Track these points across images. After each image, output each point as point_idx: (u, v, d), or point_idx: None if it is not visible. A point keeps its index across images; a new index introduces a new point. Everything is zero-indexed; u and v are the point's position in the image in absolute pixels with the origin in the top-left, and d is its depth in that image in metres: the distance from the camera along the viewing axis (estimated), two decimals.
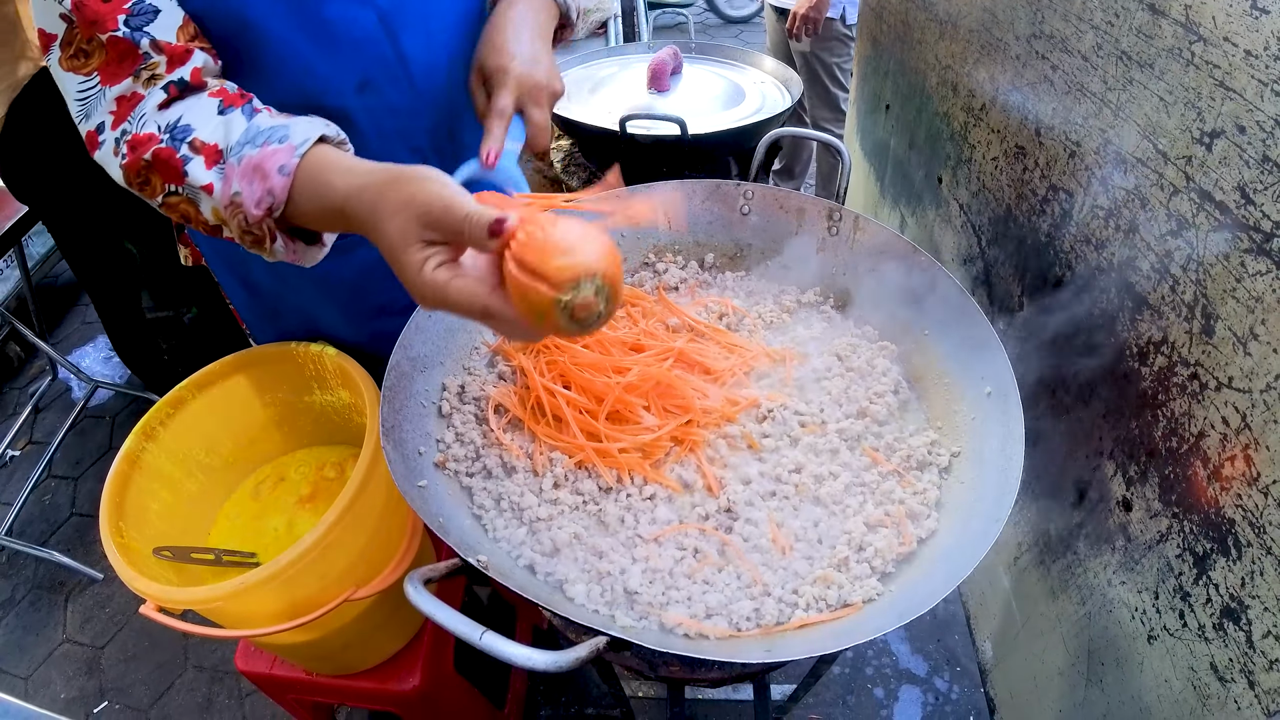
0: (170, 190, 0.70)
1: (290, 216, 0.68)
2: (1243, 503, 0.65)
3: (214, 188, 0.67)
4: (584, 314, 0.54)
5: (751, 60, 1.81)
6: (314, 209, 0.66)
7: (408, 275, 0.59)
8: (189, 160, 0.68)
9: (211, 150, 0.68)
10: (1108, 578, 0.87)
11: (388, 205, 0.59)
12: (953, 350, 0.93)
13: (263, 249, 0.71)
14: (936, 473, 0.87)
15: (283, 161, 0.65)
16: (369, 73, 0.87)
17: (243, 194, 0.66)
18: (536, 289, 0.54)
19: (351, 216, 0.63)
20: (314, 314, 1.13)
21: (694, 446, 0.90)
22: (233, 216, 0.68)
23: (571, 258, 0.53)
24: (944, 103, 1.34)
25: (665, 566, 0.78)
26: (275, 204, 0.66)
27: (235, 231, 0.70)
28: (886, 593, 0.75)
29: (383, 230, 0.60)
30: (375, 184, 0.61)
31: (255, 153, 0.66)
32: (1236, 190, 0.65)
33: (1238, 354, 0.65)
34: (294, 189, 0.66)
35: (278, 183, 0.65)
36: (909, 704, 1.60)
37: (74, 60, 0.71)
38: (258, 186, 0.65)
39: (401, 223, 0.58)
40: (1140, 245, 0.79)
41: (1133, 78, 0.79)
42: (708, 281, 1.14)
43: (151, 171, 0.69)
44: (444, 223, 0.57)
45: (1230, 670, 0.67)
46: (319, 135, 0.68)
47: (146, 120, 0.70)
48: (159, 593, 0.91)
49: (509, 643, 0.54)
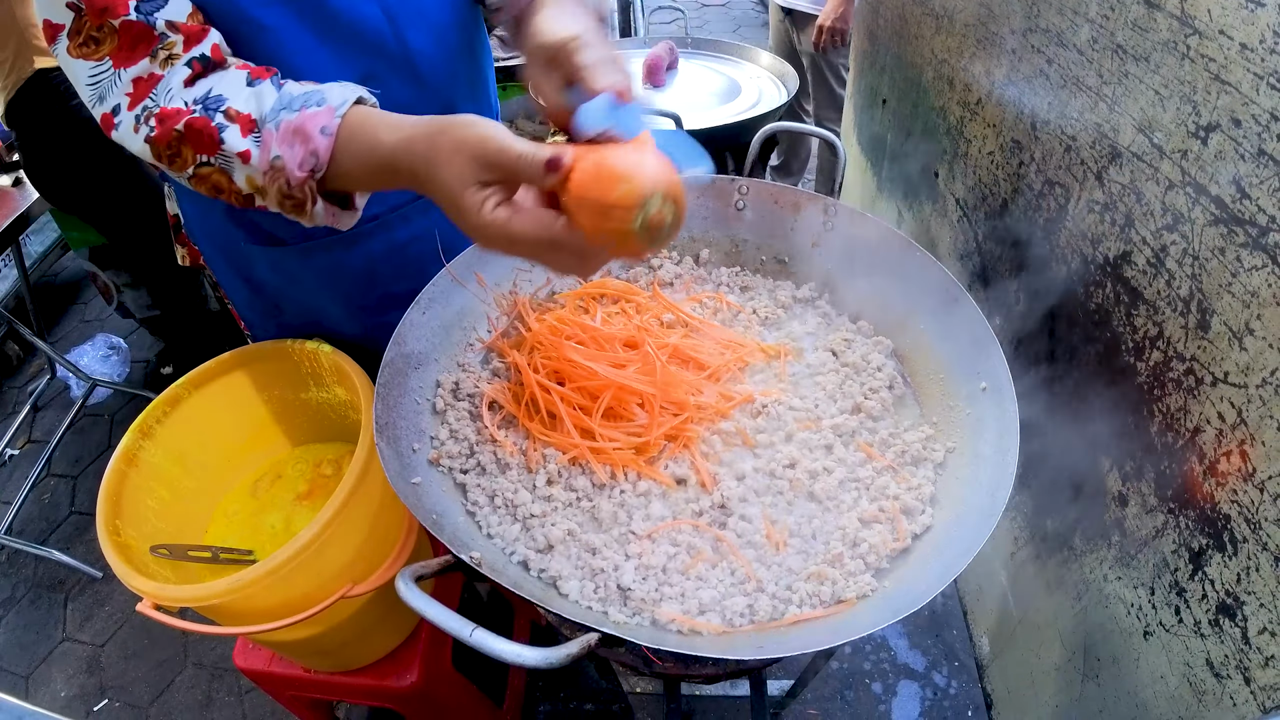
0: (203, 161, 0.70)
1: (332, 178, 0.68)
2: (1238, 498, 0.65)
3: (251, 155, 0.68)
4: (658, 229, 0.57)
5: (748, 55, 1.80)
6: (359, 166, 0.67)
7: (468, 218, 0.60)
8: (224, 128, 0.68)
9: (246, 119, 0.68)
10: (1104, 573, 0.87)
11: (441, 152, 0.60)
12: (948, 345, 0.92)
13: (302, 213, 0.71)
14: (931, 468, 0.87)
15: (324, 123, 0.66)
16: (373, 66, 0.88)
17: (284, 157, 0.66)
18: (610, 220, 0.56)
19: (401, 169, 0.64)
20: (317, 308, 1.13)
21: (688, 442, 0.90)
22: (273, 182, 0.68)
23: (632, 183, 0.56)
24: (940, 97, 1.33)
25: (659, 563, 0.77)
26: (319, 165, 0.66)
27: (274, 197, 0.70)
28: (881, 588, 0.75)
29: (438, 177, 0.61)
30: (424, 134, 0.62)
31: (294, 116, 0.66)
32: (1232, 184, 0.64)
33: (1233, 349, 0.65)
34: (337, 148, 0.66)
35: (321, 143, 0.66)
36: (907, 699, 1.60)
37: (84, 48, 0.71)
38: (299, 149, 0.66)
39: (458, 167, 0.59)
40: (1136, 240, 0.79)
41: (1128, 71, 0.79)
42: (703, 277, 1.14)
43: (183, 143, 0.69)
44: (500, 162, 0.59)
45: (1226, 666, 0.67)
46: (356, 97, 0.68)
47: (174, 95, 0.70)
48: (155, 591, 0.90)
49: (499, 639, 0.54)
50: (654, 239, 0.58)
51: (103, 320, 2.93)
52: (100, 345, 2.69)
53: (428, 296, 0.94)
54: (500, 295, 1.04)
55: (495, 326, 1.03)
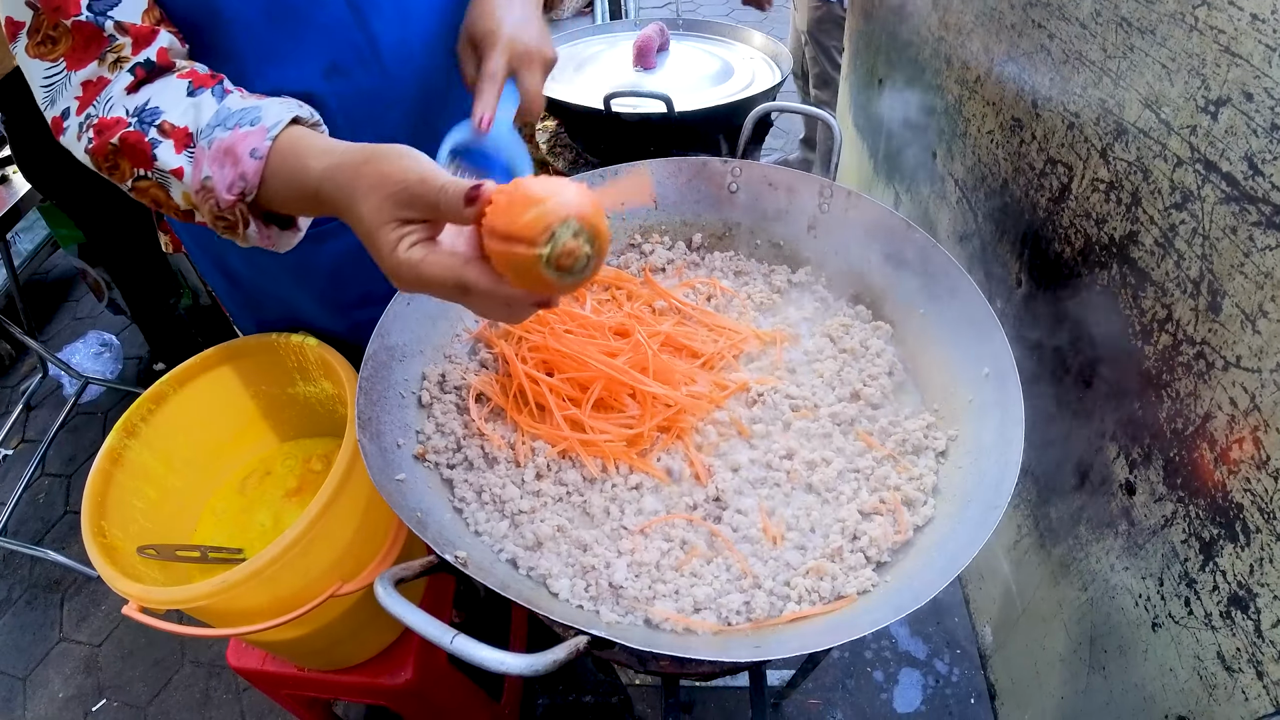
0: (139, 175, 0.68)
1: (263, 201, 0.66)
2: (1252, 487, 0.62)
3: (184, 172, 0.65)
4: (569, 262, 0.52)
5: (740, 36, 1.77)
6: (287, 192, 0.65)
7: (382, 255, 0.57)
8: (158, 144, 0.66)
9: (181, 134, 0.66)
10: (1110, 563, 0.85)
11: (361, 185, 0.58)
12: (949, 330, 0.90)
13: (236, 235, 0.69)
14: (933, 457, 0.84)
15: (254, 145, 0.63)
16: (337, 56, 0.85)
17: (214, 178, 0.64)
18: (515, 252, 0.52)
19: (325, 199, 0.61)
20: (293, 304, 1.11)
21: (681, 433, 0.87)
22: (204, 201, 0.66)
23: (541, 207, 0.51)
24: (937, 76, 1.30)
25: (651, 559, 0.75)
26: (248, 188, 0.64)
27: (207, 217, 0.68)
28: (882, 583, 0.73)
29: (357, 211, 0.58)
30: (349, 163, 0.60)
31: (226, 136, 0.64)
32: (1244, 161, 0.61)
33: (1246, 332, 0.62)
34: (267, 172, 0.64)
35: (250, 166, 0.63)
36: (909, 687, 1.59)
37: (41, 47, 0.69)
38: (229, 171, 0.64)
39: (376, 202, 0.57)
40: (1143, 219, 0.76)
41: (1133, 45, 0.76)
42: (695, 262, 1.11)
43: (120, 156, 0.67)
44: (419, 198, 0.56)
45: (1238, 660, 0.65)
46: (292, 117, 0.66)
47: (114, 104, 0.68)
48: (141, 593, 0.89)
49: (481, 646, 0.51)
50: (567, 274, 0.53)
51: (94, 317, 2.91)
52: (92, 343, 2.66)
53: None
54: None
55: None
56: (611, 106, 1.40)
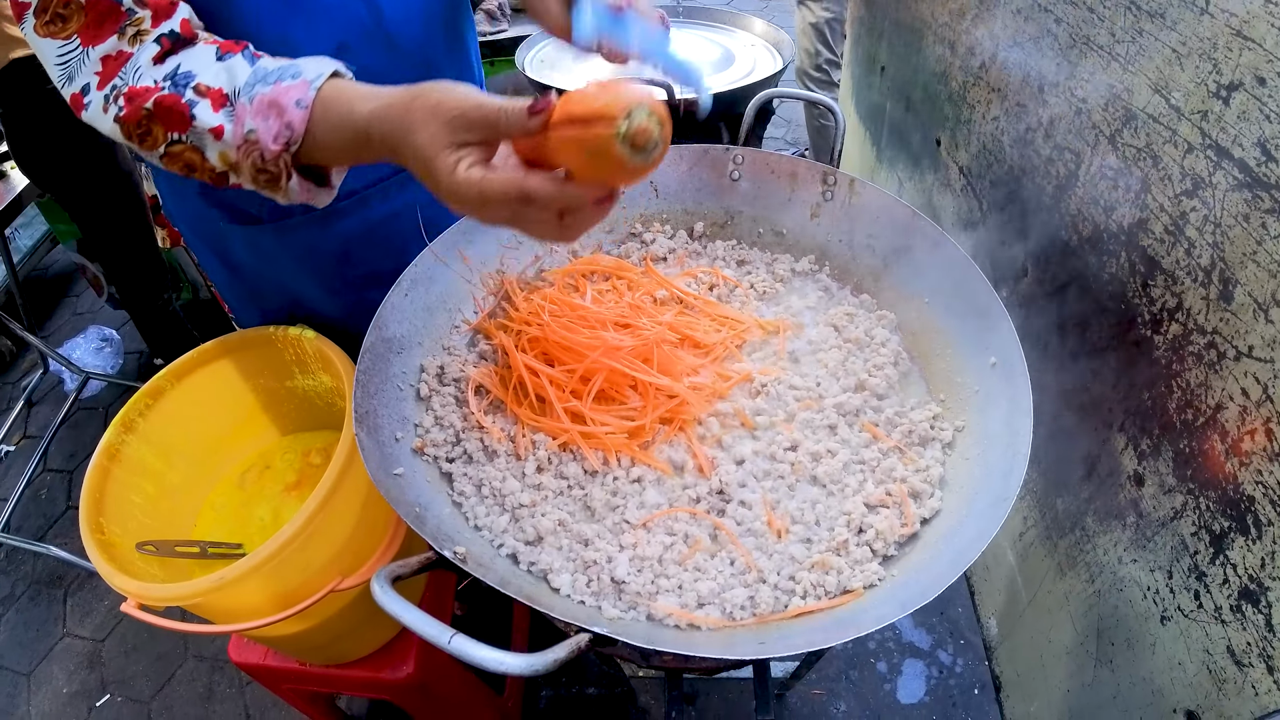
0: (174, 139, 0.67)
1: (307, 151, 0.66)
2: (1263, 479, 0.61)
3: (224, 130, 0.66)
4: (644, 140, 0.55)
5: (742, 23, 1.74)
6: (335, 138, 0.65)
7: (440, 179, 0.59)
8: (195, 104, 0.66)
9: (218, 94, 0.66)
10: (1118, 555, 0.84)
11: (415, 117, 0.59)
12: (955, 319, 0.89)
13: (277, 188, 0.69)
14: (939, 448, 0.83)
15: (299, 95, 0.64)
16: (346, 36, 0.85)
17: (258, 131, 0.65)
18: (592, 133, 0.55)
19: (376, 138, 0.63)
20: (296, 291, 1.10)
21: (684, 425, 0.86)
22: (246, 156, 0.66)
23: (616, 91, 0.55)
24: (941, 62, 1.28)
25: (654, 554, 0.74)
26: (294, 137, 0.64)
27: (248, 173, 0.68)
28: (889, 577, 0.72)
29: (412, 143, 0.59)
30: (399, 101, 0.61)
31: (268, 90, 0.65)
32: (1257, 147, 0.60)
33: (1259, 321, 0.61)
34: (312, 120, 0.64)
35: (296, 115, 0.64)
36: (912, 678, 1.59)
37: (51, 26, 0.68)
38: (274, 122, 0.64)
39: (433, 130, 0.58)
40: (1153, 206, 0.75)
41: (1142, 28, 0.74)
42: (697, 251, 1.10)
43: (153, 121, 0.67)
44: (477, 120, 0.57)
45: (1248, 654, 0.64)
46: (332, 70, 0.67)
47: (142, 73, 0.67)
48: (140, 590, 0.88)
49: (479, 646, 0.50)
50: (641, 153, 0.56)
51: (94, 312, 2.90)
52: (92, 338, 2.65)
53: (409, 278, 0.91)
54: (486, 274, 1.00)
55: (481, 307, 0.99)
56: None
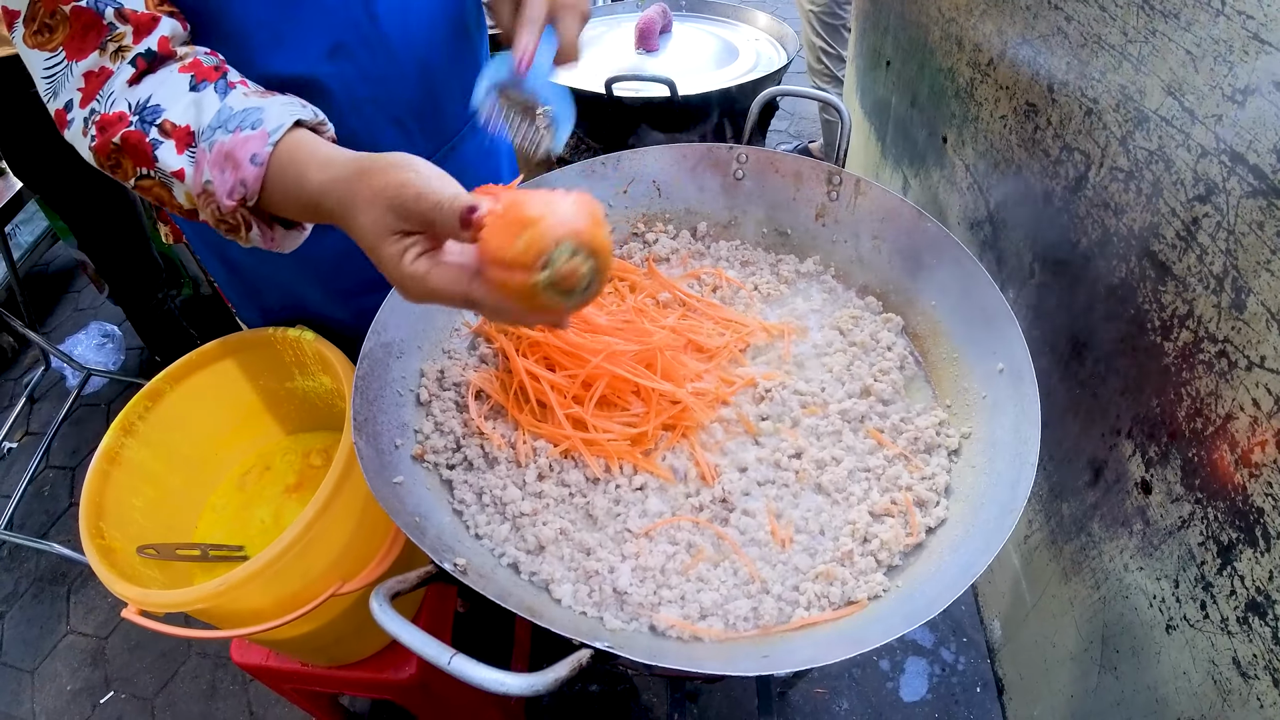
0: (142, 174, 0.66)
1: (265, 205, 0.65)
2: (1273, 491, 0.60)
3: (185, 174, 0.64)
4: (571, 284, 0.50)
5: (744, 17, 1.72)
6: (288, 201, 0.64)
7: (387, 269, 0.57)
8: (159, 144, 0.64)
9: (183, 133, 0.65)
10: (1124, 562, 0.83)
11: (359, 199, 0.57)
12: (962, 322, 0.88)
13: (238, 237, 0.68)
14: (945, 456, 0.82)
15: (255, 150, 0.62)
16: (341, 37, 0.83)
17: (214, 183, 0.63)
18: (512, 279, 0.50)
19: (325, 212, 0.61)
20: (296, 293, 1.09)
21: (687, 431, 0.85)
22: (206, 204, 0.65)
23: (534, 230, 0.49)
24: (948, 58, 1.26)
25: (657, 564, 0.74)
26: (249, 194, 0.63)
27: (209, 219, 0.67)
28: (893, 588, 0.71)
29: (357, 225, 0.58)
30: (346, 176, 0.59)
31: (227, 139, 0.63)
32: (1272, 153, 0.59)
33: (1271, 332, 0.60)
34: (267, 179, 0.63)
35: (250, 173, 0.62)
36: (915, 676, 1.59)
37: (39, 36, 0.67)
38: (230, 176, 0.62)
39: (375, 215, 0.56)
40: (1164, 211, 0.73)
41: (1156, 29, 0.72)
42: (700, 252, 1.09)
43: (122, 155, 0.66)
44: (415, 212, 0.55)
45: (1254, 667, 0.63)
46: (294, 120, 0.64)
47: (116, 99, 0.66)
48: (140, 596, 0.88)
49: (479, 666, 0.50)
50: (570, 296, 0.51)
51: (95, 308, 2.89)
52: (94, 334, 2.64)
53: None
54: None
55: None
56: (614, 91, 1.37)
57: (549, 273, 0.49)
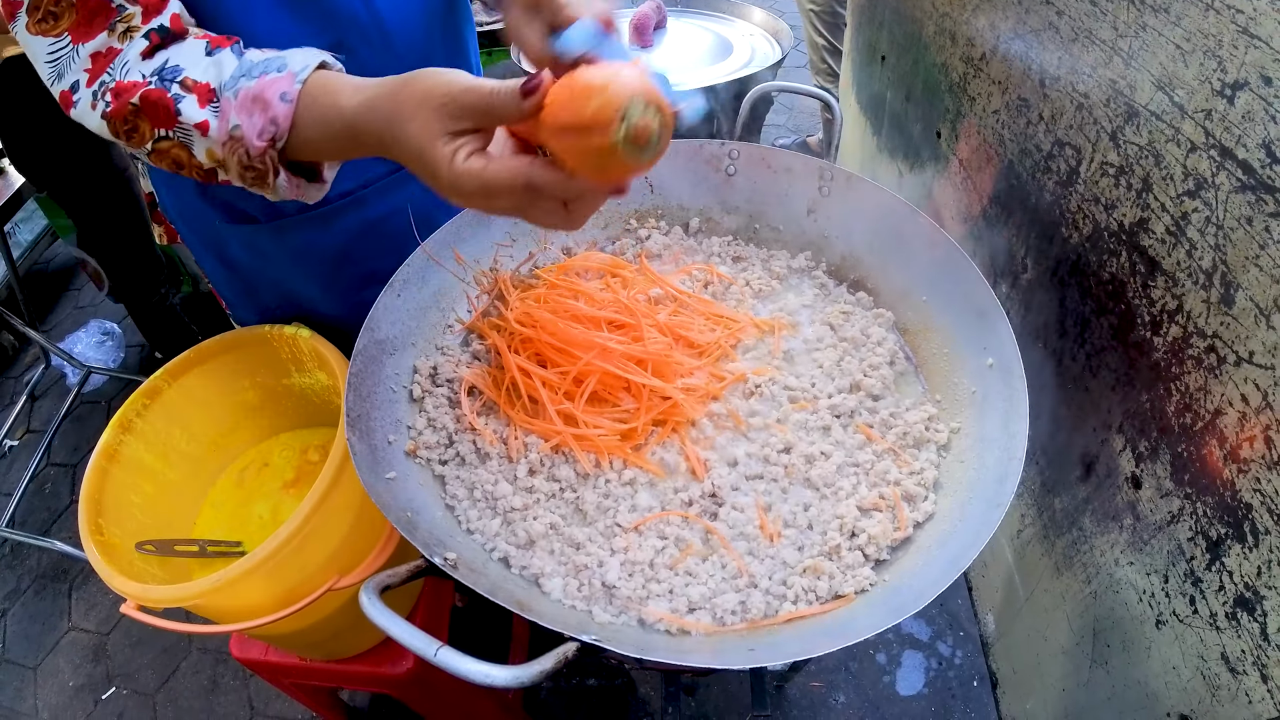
0: (161, 135, 0.66)
1: (294, 147, 0.64)
2: (1261, 487, 0.60)
3: (209, 126, 0.64)
4: (645, 137, 0.52)
5: (739, 12, 1.72)
6: (322, 134, 0.63)
7: (440, 171, 0.56)
8: (181, 99, 0.64)
9: (204, 89, 0.65)
10: (1115, 557, 0.83)
11: (405, 107, 0.57)
12: (952, 318, 0.88)
13: (265, 185, 0.67)
14: (934, 450, 0.82)
15: (284, 89, 0.62)
16: (342, 35, 0.84)
17: (243, 126, 0.63)
18: (589, 143, 0.52)
19: (364, 132, 0.60)
20: (293, 290, 1.09)
21: (677, 426, 0.86)
22: (232, 153, 0.64)
23: (606, 92, 0.51)
24: (942, 53, 1.26)
25: (645, 558, 0.74)
26: (279, 133, 0.62)
27: (235, 170, 0.66)
28: (880, 582, 0.72)
29: (403, 135, 0.57)
30: (386, 91, 0.59)
31: (253, 84, 0.63)
32: (1261, 148, 0.59)
33: (1260, 327, 0.60)
34: (298, 115, 0.62)
35: (281, 110, 0.62)
36: (911, 669, 1.59)
37: (42, 24, 0.67)
38: (259, 117, 0.62)
39: (423, 119, 0.56)
40: (1154, 206, 0.73)
41: (1146, 23, 0.72)
42: (693, 247, 1.09)
43: (140, 117, 0.65)
44: (469, 104, 0.55)
45: (1243, 662, 0.63)
46: (319, 61, 0.64)
47: (130, 68, 0.66)
48: (139, 591, 0.88)
49: (465, 658, 0.51)
50: (642, 151, 0.53)
51: (95, 306, 2.89)
52: (94, 331, 2.65)
53: (401, 278, 0.90)
54: (480, 272, 0.99)
55: (475, 306, 0.98)
56: None
57: (627, 126, 0.51)
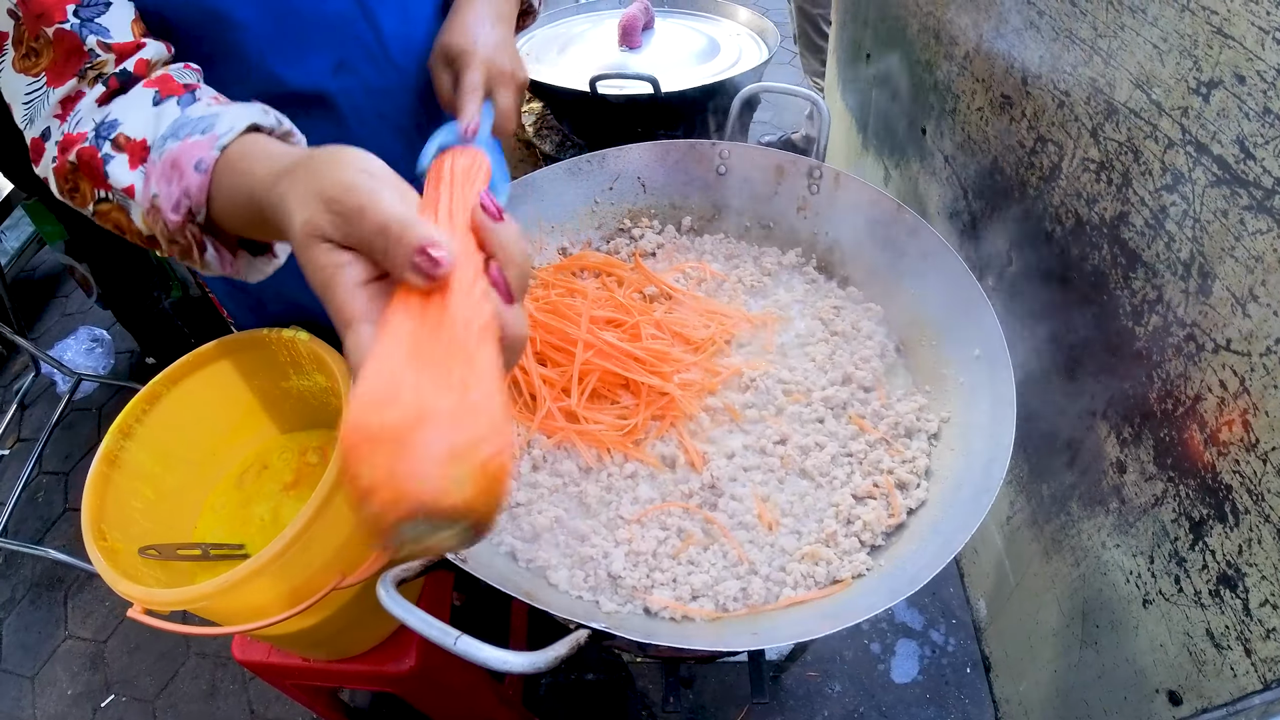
0: (100, 197, 0.62)
1: (216, 220, 0.57)
2: (1240, 469, 0.63)
3: (135, 190, 0.58)
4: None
5: (726, 12, 1.74)
6: (233, 210, 0.54)
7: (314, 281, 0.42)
8: (110, 159, 0.59)
9: (137, 147, 0.59)
10: (1102, 540, 0.86)
11: (295, 193, 0.44)
12: (940, 310, 0.90)
13: (193, 260, 0.60)
14: (925, 439, 0.85)
15: (200, 155, 0.54)
16: (345, 53, 0.84)
17: (160, 196, 0.56)
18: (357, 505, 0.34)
19: (267, 214, 0.48)
20: (299, 299, 1.10)
21: (675, 421, 0.88)
22: (155, 223, 0.58)
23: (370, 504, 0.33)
24: (926, 51, 1.29)
25: (649, 548, 0.76)
26: (194, 205, 0.55)
27: (162, 241, 0.60)
28: (876, 567, 0.74)
29: (292, 227, 0.43)
30: (287, 167, 0.47)
31: (175, 146, 0.56)
32: (1235, 144, 0.61)
33: (1236, 315, 0.62)
34: (214, 186, 0.54)
35: (194, 181, 0.54)
36: (905, 658, 1.62)
37: (25, 60, 0.64)
38: (175, 187, 0.55)
39: (309, 214, 0.42)
40: (1134, 200, 0.76)
41: (1124, 23, 0.75)
42: (685, 245, 1.11)
43: (79, 175, 0.61)
44: (355, 221, 0.40)
45: (1227, 637, 0.66)
46: (249, 123, 0.56)
47: (83, 119, 0.62)
48: (144, 595, 0.89)
49: (484, 646, 0.52)
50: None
51: (84, 313, 2.88)
52: (83, 338, 2.64)
53: None
54: None
55: None
56: (598, 89, 1.38)
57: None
